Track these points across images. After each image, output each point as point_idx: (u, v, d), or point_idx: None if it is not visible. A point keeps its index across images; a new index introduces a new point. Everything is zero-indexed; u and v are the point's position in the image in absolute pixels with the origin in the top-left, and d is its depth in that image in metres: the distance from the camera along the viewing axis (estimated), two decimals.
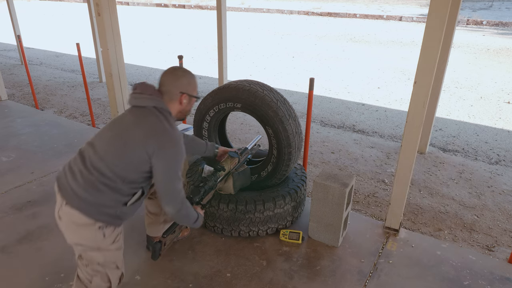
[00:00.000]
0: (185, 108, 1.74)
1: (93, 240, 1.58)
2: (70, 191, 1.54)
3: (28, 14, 15.98)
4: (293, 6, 16.52)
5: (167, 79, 1.69)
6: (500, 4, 16.60)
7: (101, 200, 1.55)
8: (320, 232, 2.33)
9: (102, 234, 1.58)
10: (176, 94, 1.67)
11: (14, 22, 6.62)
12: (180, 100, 1.69)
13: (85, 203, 1.53)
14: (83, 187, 1.53)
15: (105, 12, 3.14)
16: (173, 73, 1.71)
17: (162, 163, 1.57)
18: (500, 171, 3.48)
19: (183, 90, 1.68)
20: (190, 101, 1.74)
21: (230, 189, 2.22)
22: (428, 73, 2.00)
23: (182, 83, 1.69)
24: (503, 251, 2.45)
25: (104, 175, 1.54)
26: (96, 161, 1.55)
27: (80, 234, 1.58)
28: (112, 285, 1.70)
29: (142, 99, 1.64)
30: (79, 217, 1.53)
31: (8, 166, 3.26)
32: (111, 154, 1.56)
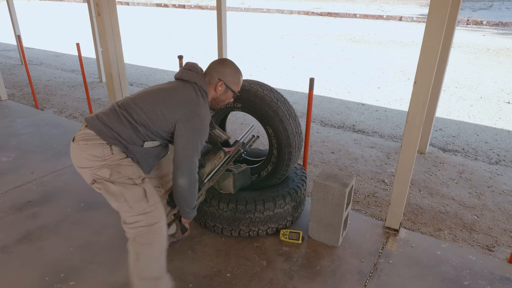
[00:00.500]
0: (219, 97, 1.81)
1: (100, 157, 1.62)
2: (94, 117, 1.67)
3: (28, 14, 15.98)
4: (293, 6, 16.52)
5: (213, 64, 1.81)
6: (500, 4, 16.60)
7: (119, 130, 1.64)
8: (320, 232, 2.33)
9: (110, 151, 1.64)
10: (214, 79, 1.77)
11: (14, 22, 6.62)
12: (216, 86, 1.77)
13: (104, 126, 1.63)
14: (107, 115, 1.66)
15: (105, 12, 3.14)
16: (220, 60, 1.83)
17: (186, 131, 1.65)
18: (500, 171, 3.48)
19: (221, 77, 1.77)
20: (226, 92, 1.81)
21: (230, 189, 2.22)
22: (428, 73, 2.00)
23: (223, 71, 1.78)
24: (503, 251, 2.45)
25: (130, 114, 1.65)
26: (129, 103, 1.68)
27: (88, 153, 1.62)
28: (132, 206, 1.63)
29: (188, 74, 1.74)
30: (93, 136, 1.63)
31: (8, 166, 3.26)
32: (145, 102, 1.67)
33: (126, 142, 1.66)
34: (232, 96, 1.85)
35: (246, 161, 2.66)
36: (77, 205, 2.70)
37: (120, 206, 1.65)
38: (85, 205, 2.70)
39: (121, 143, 1.66)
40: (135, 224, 1.65)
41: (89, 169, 1.64)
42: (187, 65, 1.79)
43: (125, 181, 1.64)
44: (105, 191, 1.65)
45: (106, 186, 1.63)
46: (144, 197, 1.66)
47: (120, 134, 1.65)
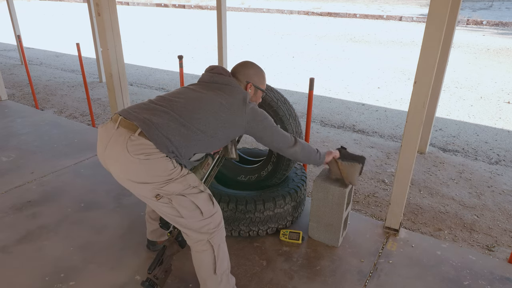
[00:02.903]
0: (251, 99, 1.84)
1: (165, 172, 1.52)
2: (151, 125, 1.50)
3: (28, 14, 15.98)
4: (293, 6, 16.52)
5: (236, 68, 1.85)
6: (500, 4, 16.60)
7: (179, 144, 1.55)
8: (320, 232, 2.33)
9: (172, 164, 1.55)
10: (242, 83, 1.82)
11: (14, 22, 6.62)
12: (246, 89, 1.82)
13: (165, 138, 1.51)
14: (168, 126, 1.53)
15: (105, 12, 3.14)
16: (242, 64, 1.87)
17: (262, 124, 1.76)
18: (500, 171, 3.48)
19: (250, 80, 1.82)
20: (256, 92, 1.87)
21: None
22: (428, 73, 2.00)
23: (249, 73, 1.83)
24: (503, 251, 2.45)
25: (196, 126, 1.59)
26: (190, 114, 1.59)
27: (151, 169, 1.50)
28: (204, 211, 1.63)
29: (223, 79, 1.75)
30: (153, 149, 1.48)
31: (8, 166, 3.26)
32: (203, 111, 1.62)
33: (180, 156, 1.59)
34: (262, 95, 1.93)
35: (246, 161, 2.66)
36: (77, 205, 2.70)
37: (192, 215, 1.62)
38: (85, 205, 2.70)
39: (176, 156, 1.58)
40: (204, 228, 1.65)
41: (151, 185, 1.53)
42: (217, 69, 1.78)
43: (193, 191, 1.63)
44: (178, 204, 1.59)
45: (177, 200, 1.58)
46: (211, 201, 1.69)
47: (179, 148, 1.56)
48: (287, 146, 1.83)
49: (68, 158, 3.38)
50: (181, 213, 1.60)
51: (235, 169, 2.57)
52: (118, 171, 1.54)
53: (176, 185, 1.57)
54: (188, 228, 1.65)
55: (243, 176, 2.54)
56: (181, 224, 1.64)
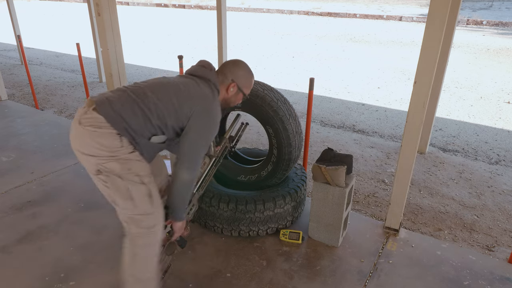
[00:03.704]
0: (229, 98, 1.78)
1: (109, 147, 1.52)
2: (105, 101, 1.54)
3: (28, 14, 15.98)
4: (293, 6, 16.52)
5: (228, 64, 1.78)
6: (500, 4, 16.60)
7: (131, 120, 1.55)
8: (320, 232, 2.33)
9: (120, 142, 1.53)
10: (227, 79, 1.74)
11: (14, 22, 6.62)
12: (228, 86, 1.74)
13: (116, 114, 1.52)
14: (121, 102, 1.55)
15: (105, 12, 3.14)
16: (235, 62, 1.80)
17: (199, 126, 1.62)
18: (500, 171, 3.48)
19: (236, 79, 1.75)
20: (237, 94, 1.78)
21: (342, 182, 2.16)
22: (428, 73, 2.00)
23: (237, 73, 1.76)
24: (503, 251, 2.45)
25: (147, 104, 1.56)
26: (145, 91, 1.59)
27: (97, 142, 1.51)
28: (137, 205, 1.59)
29: (202, 71, 1.72)
30: (103, 123, 1.51)
31: (8, 166, 3.26)
32: (160, 92, 1.60)
33: (135, 134, 1.58)
34: (242, 98, 1.82)
35: (246, 161, 2.66)
36: (77, 205, 2.70)
37: (124, 203, 1.60)
38: (85, 205, 2.70)
39: (130, 134, 1.57)
40: (136, 223, 1.62)
41: (95, 158, 1.54)
42: (201, 62, 1.77)
43: (133, 178, 1.58)
44: (112, 184, 1.57)
45: (113, 179, 1.56)
46: (149, 198, 1.62)
47: (131, 125, 1.56)
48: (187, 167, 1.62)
49: (68, 158, 3.38)
50: (114, 198, 1.59)
51: (235, 169, 2.57)
52: (72, 142, 1.59)
53: (117, 165, 1.54)
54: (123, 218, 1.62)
55: (243, 176, 2.54)
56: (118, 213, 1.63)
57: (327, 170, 2.14)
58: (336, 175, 2.13)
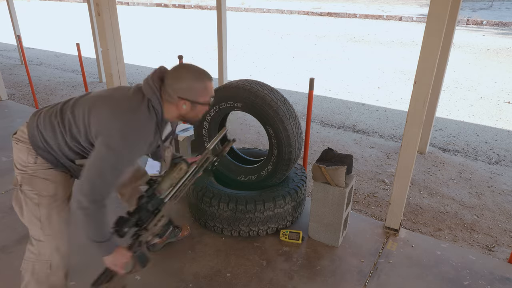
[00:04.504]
0: (187, 114, 1.48)
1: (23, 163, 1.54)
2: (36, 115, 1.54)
3: (28, 14, 15.98)
4: (293, 6, 16.52)
5: (168, 79, 1.44)
6: (500, 4, 16.59)
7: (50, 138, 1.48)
8: (320, 232, 2.33)
9: (34, 159, 1.51)
10: (173, 98, 1.43)
11: (14, 22, 6.62)
12: (177, 105, 1.44)
13: (37, 131, 1.50)
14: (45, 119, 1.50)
15: (105, 12, 3.14)
16: (174, 73, 1.44)
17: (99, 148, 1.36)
18: (500, 171, 3.48)
19: (182, 96, 1.42)
20: (195, 108, 1.46)
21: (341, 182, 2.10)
22: (428, 73, 2.00)
23: (180, 87, 1.42)
24: (503, 251, 2.45)
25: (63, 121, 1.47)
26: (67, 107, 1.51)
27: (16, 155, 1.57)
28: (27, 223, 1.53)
29: (146, 81, 1.46)
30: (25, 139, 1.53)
31: (8, 166, 3.26)
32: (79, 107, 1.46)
33: (57, 154, 1.48)
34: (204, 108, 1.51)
35: (246, 161, 2.66)
36: None
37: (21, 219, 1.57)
38: None
39: (51, 154, 1.47)
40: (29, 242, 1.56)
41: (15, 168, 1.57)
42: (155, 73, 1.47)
43: (31, 195, 1.50)
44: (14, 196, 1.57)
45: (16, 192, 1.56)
46: (40, 222, 1.49)
47: (50, 143, 1.46)
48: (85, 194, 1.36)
49: None
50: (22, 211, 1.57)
51: (235, 169, 2.57)
52: None
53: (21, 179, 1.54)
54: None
55: (243, 176, 2.54)
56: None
57: (327, 170, 2.14)
58: (336, 175, 2.13)
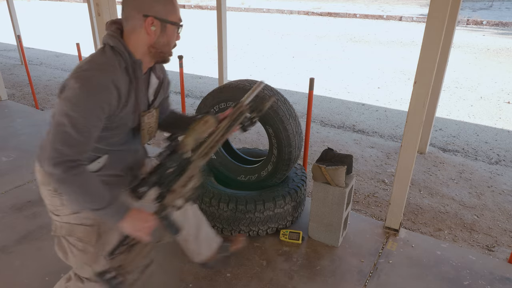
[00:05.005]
0: (158, 40, 1.23)
1: (51, 204, 1.35)
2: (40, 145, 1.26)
3: (28, 14, 15.97)
4: (293, 6, 16.52)
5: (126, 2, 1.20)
6: (500, 4, 16.59)
7: None
8: (320, 232, 2.33)
9: (60, 200, 1.31)
10: (138, 19, 1.18)
11: (14, 22, 6.62)
12: (146, 27, 1.19)
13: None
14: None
15: (105, 12, 3.14)
16: None
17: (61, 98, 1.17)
18: (500, 171, 3.48)
19: (147, 12, 1.17)
20: (165, 29, 1.23)
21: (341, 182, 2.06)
22: (428, 73, 2.00)
23: (144, 1, 1.17)
24: (503, 251, 2.45)
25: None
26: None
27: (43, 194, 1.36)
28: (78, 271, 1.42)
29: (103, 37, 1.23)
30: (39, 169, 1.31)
31: (8, 166, 3.26)
32: None
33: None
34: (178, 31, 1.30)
35: (246, 161, 2.66)
36: None
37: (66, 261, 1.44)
38: None
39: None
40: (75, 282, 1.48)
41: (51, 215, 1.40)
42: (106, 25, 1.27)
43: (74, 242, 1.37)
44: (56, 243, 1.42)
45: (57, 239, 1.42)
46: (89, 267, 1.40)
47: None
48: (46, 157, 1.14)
49: None
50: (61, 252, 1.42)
51: (235, 169, 2.57)
52: None
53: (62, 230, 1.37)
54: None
55: (243, 176, 2.54)
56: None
57: (327, 170, 2.14)
58: (336, 175, 2.13)
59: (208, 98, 2.36)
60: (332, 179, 2.15)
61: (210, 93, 2.36)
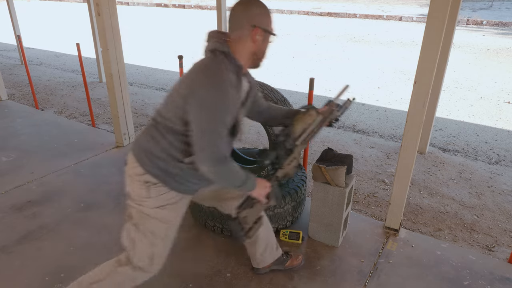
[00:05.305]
0: (260, 48, 1.44)
1: (137, 194, 1.48)
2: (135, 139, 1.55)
3: (28, 14, 15.97)
4: (293, 6, 16.51)
5: (234, 12, 1.39)
6: (500, 4, 16.59)
7: (154, 149, 1.44)
8: (320, 232, 2.33)
9: (147, 191, 1.45)
10: (246, 29, 1.38)
11: (14, 22, 6.62)
12: (252, 36, 1.38)
13: (139, 148, 1.48)
14: (144, 133, 1.50)
15: (105, 12, 3.14)
16: (241, 3, 1.40)
17: (196, 107, 1.31)
18: (500, 171, 3.48)
19: (255, 23, 1.37)
20: (265, 38, 1.43)
21: (342, 182, 2.10)
22: (428, 73, 2.00)
23: (254, 14, 1.37)
24: (503, 251, 2.45)
25: (159, 122, 1.45)
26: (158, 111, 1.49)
27: (131, 185, 1.50)
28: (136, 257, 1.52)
29: (206, 47, 1.43)
30: (133, 163, 1.48)
31: (8, 166, 3.26)
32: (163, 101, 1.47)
33: (165, 162, 1.43)
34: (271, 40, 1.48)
35: (246, 161, 2.66)
36: (77, 205, 2.70)
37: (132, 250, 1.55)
38: (85, 205, 2.70)
39: (160, 167, 1.43)
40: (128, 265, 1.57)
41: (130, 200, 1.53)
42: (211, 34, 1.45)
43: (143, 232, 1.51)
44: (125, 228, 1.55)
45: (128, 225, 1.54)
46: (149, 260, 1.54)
47: (157, 154, 1.43)
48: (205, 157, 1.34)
49: (68, 158, 3.38)
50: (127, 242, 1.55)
51: None
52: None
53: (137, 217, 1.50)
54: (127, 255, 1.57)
55: None
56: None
57: (327, 170, 2.14)
58: (336, 175, 2.13)
59: None
60: (332, 179, 2.15)
61: None
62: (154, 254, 1.54)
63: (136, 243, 1.52)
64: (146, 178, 1.45)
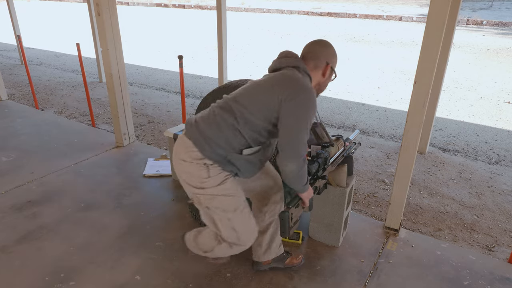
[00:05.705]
0: (324, 82, 1.71)
1: (198, 176, 1.58)
2: (193, 123, 1.60)
3: (28, 14, 15.98)
4: (293, 6, 16.51)
5: (314, 47, 1.65)
6: (500, 4, 16.59)
7: (216, 137, 1.54)
8: (320, 232, 2.33)
9: (207, 171, 1.57)
10: (322, 63, 1.64)
11: (14, 22, 6.62)
12: (324, 70, 1.65)
13: (201, 135, 1.56)
14: (206, 121, 1.57)
15: (105, 12, 3.14)
16: (320, 42, 1.66)
17: (294, 108, 1.49)
18: (500, 171, 3.48)
19: (329, 61, 1.64)
20: (330, 75, 1.70)
21: (343, 181, 2.17)
22: (428, 73, 2.00)
23: (329, 53, 1.65)
24: (503, 251, 2.45)
25: (233, 114, 1.54)
26: (230, 102, 1.57)
27: (188, 170, 1.59)
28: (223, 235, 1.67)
29: (286, 61, 1.60)
30: (191, 147, 1.56)
31: (8, 166, 3.26)
32: (245, 96, 1.57)
33: (225, 150, 1.55)
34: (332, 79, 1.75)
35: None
36: (77, 205, 2.70)
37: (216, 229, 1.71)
38: (85, 205, 2.70)
39: (219, 154, 1.55)
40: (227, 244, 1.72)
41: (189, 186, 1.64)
42: (282, 53, 1.66)
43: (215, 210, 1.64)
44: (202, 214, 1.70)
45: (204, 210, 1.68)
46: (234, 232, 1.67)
47: (219, 142, 1.54)
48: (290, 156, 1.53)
49: (68, 158, 3.38)
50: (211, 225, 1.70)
51: None
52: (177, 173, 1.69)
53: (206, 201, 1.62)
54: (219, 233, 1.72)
55: None
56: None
57: None
58: (336, 175, 2.13)
59: (208, 98, 2.36)
60: (333, 179, 2.15)
61: (210, 92, 2.36)
62: (235, 227, 1.65)
63: (216, 223, 1.66)
64: (205, 161, 1.56)
